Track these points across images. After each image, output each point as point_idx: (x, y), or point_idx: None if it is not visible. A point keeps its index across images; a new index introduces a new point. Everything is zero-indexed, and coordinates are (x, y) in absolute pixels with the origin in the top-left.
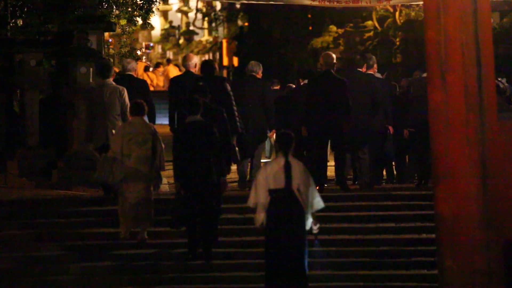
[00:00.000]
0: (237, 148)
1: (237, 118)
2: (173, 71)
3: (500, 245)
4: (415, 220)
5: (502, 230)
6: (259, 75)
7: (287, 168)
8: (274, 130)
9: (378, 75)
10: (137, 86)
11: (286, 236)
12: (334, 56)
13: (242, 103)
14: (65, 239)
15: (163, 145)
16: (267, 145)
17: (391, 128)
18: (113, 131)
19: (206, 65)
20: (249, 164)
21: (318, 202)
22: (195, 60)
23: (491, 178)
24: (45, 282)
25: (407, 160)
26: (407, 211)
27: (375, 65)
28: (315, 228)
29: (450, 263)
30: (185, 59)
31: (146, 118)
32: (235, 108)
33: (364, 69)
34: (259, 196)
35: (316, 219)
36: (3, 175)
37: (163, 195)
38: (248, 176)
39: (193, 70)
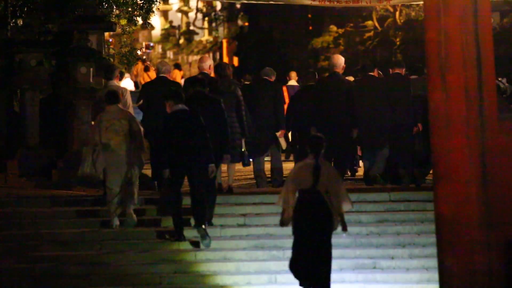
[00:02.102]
0: (246, 152)
1: (245, 123)
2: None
3: (500, 245)
4: (415, 221)
5: (502, 230)
6: (272, 80)
7: (316, 170)
8: (283, 131)
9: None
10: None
11: (312, 236)
12: (342, 58)
13: (256, 104)
14: (65, 239)
15: (141, 128)
16: None
17: (420, 126)
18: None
19: (218, 68)
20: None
21: (346, 204)
22: (209, 62)
23: (491, 178)
24: (45, 282)
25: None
26: (407, 212)
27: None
28: (344, 236)
29: (450, 263)
30: (200, 61)
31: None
32: (243, 113)
33: (375, 73)
34: (288, 197)
35: (345, 223)
36: (3, 175)
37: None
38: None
39: (207, 71)
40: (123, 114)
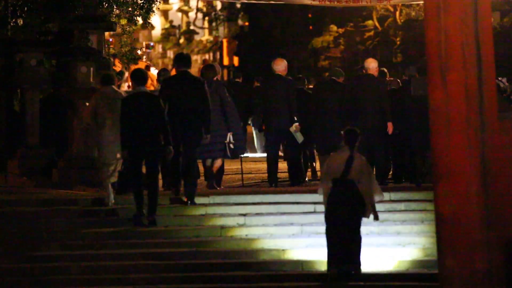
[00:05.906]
0: (232, 146)
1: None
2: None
3: (500, 245)
4: (415, 221)
5: (502, 230)
6: (339, 80)
7: (349, 161)
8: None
9: None
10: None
11: (344, 223)
12: (376, 61)
13: (322, 104)
14: (65, 239)
15: None
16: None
17: None
18: None
19: (205, 70)
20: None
21: (378, 195)
22: (284, 63)
23: (491, 178)
24: (45, 282)
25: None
26: (407, 212)
27: None
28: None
29: (451, 263)
30: (274, 64)
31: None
32: (228, 109)
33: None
34: (323, 184)
35: (376, 213)
36: (3, 174)
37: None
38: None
39: (282, 72)
40: (118, 95)
